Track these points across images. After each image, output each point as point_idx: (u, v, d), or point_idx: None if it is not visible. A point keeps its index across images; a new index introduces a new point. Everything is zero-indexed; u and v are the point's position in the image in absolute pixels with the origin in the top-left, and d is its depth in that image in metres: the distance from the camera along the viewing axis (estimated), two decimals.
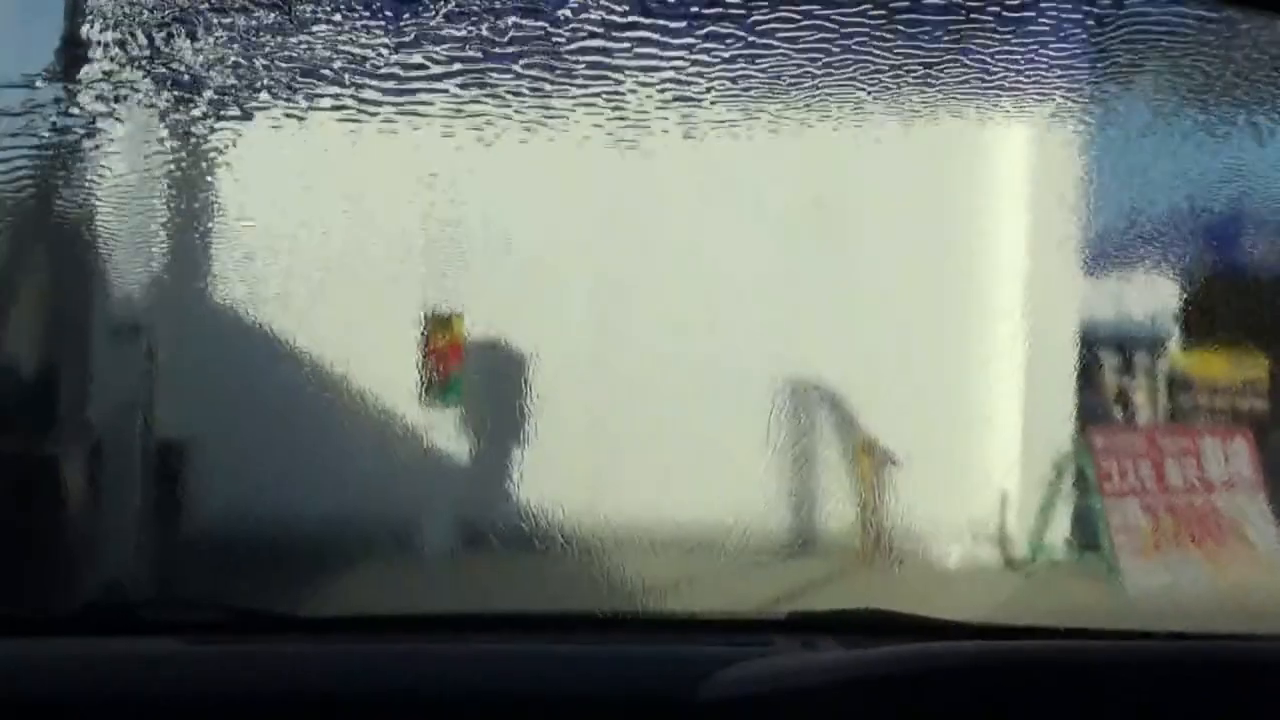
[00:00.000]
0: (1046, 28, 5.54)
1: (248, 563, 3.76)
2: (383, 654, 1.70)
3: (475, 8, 4.36)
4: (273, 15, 3.99)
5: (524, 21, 4.57)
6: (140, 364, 4.55)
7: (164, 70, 4.18)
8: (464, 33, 4.38)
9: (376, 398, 4.65)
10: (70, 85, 3.65)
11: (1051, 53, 5.78)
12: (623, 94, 5.37)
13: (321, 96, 4.53)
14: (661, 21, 4.74)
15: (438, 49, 4.34)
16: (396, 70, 4.47)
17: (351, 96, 4.57)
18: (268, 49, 4.06)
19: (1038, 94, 6.41)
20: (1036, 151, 6.90)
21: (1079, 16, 5.49)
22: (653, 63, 4.97)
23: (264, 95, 4.36)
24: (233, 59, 4.15)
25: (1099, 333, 7.85)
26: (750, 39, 5.12)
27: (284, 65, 4.15)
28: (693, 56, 5.06)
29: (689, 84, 5.37)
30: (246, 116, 4.42)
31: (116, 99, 4.10)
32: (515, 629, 1.85)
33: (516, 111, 5.42)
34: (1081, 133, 6.39)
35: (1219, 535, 7.02)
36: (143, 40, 4.05)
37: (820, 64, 5.16)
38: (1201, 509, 7.11)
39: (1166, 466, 7.22)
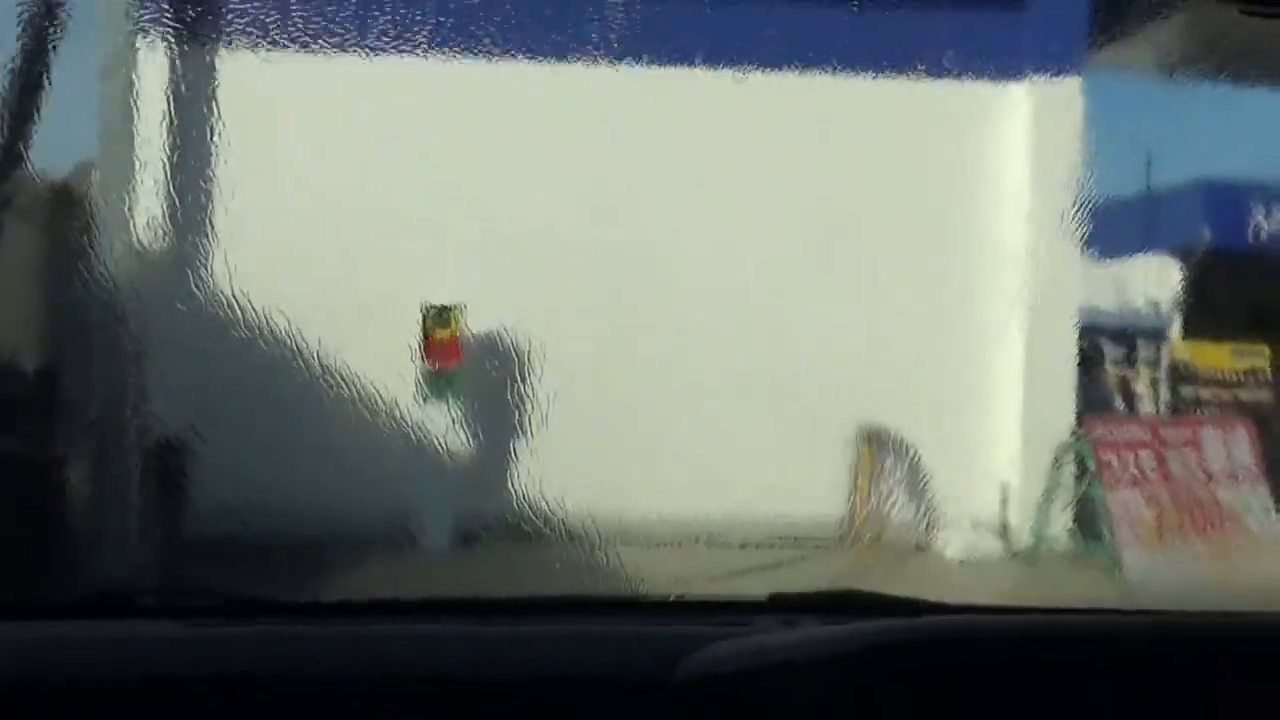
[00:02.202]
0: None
1: (246, 556, 3.78)
2: (376, 637, 1.72)
3: None
4: None
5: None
6: (138, 357, 4.58)
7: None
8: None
9: (376, 391, 4.67)
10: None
11: (1053, 36, 5.77)
12: (631, 87, 5.38)
13: (324, 68, 4.54)
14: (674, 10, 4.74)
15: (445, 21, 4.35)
16: (400, 47, 4.47)
17: (352, 71, 4.57)
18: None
19: (1036, 79, 6.42)
20: (1036, 144, 6.90)
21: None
22: (663, 53, 4.96)
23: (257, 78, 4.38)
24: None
25: (1101, 322, 7.84)
26: (752, 24, 5.13)
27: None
28: (701, 48, 5.05)
29: (695, 76, 5.38)
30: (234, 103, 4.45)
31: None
32: (503, 612, 1.87)
33: (525, 99, 5.44)
34: (1082, 120, 6.39)
35: (1220, 525, 7.01)
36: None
37: (820, 49, 5.17)
38: (1203, 499, 7.10)
39: (1168, 457, 7.21)
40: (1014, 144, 6.94)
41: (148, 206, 4.58)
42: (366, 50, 5.14)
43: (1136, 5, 4.78)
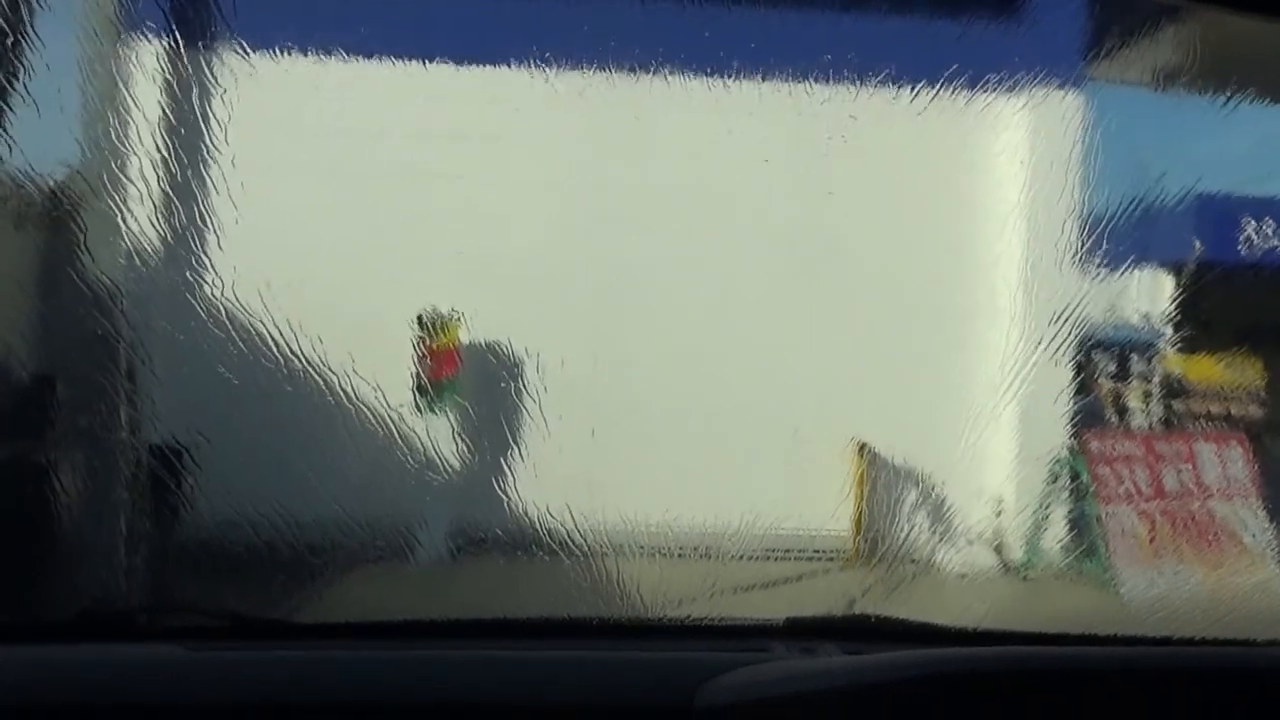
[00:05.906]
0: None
1: (244, 570, 3.74)
2: (379, 660, 1.69)
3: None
4: None
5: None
6: (132, 369, 4.53)
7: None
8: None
9: (374, 401, 4.63)
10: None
11: (1050, 49, 5.75)
12: (627, 99, 5.37)
13: (317, 77, 4.51)
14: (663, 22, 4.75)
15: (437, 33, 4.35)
16: (398, 53, 4.45)
17: (347, 84, 4.53)
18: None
19: (1032, 91, 6.42)
20: (1031, 157, 6.91)
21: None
22: (653, 64, 4.94)
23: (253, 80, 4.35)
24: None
25: (1096, 337, 7.85)
26: (744, 36, 5.12)
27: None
28: (689, 59, 5.04)
29: (689, 89, 5.37)
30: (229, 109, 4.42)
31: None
32: (513, 634, 1.84)
33: (522, 109, 5.42)
34: (1079, 133, 6.40)
35: (1216, 541, 7.02)
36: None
37: (813, 61, 5.15)
38: (1199, 514, 7.11)
39: (1163, 472, 7.22)
40: (1009, 157, 6.94)
41: (141, 212, 4.53)
42: (364, 55, 5.12)
43: (1134, 18, 4.76)
